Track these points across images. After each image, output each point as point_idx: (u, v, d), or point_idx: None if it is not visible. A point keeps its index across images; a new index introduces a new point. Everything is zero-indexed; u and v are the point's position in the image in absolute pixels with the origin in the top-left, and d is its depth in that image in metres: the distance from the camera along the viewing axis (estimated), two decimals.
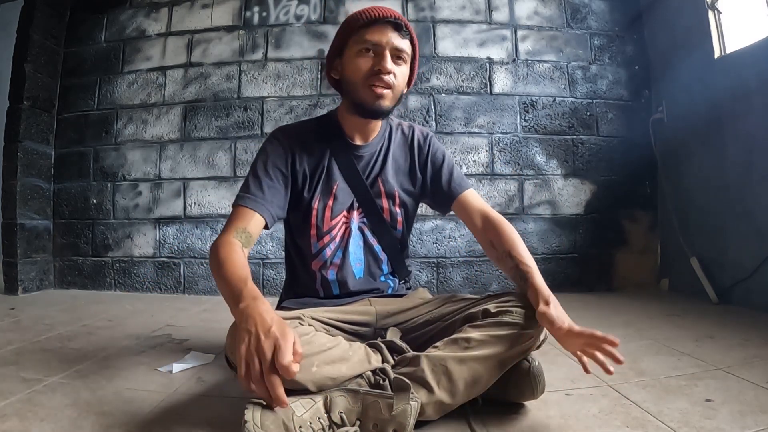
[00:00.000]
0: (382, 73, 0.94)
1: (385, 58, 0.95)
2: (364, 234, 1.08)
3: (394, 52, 0.96)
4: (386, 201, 1.08)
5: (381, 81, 0.95)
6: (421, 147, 1.12)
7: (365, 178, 1.06)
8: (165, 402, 0.95)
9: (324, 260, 1.06)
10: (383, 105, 0.97)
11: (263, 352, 0.65)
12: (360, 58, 0.96)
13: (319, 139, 1.06)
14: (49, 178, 2.50)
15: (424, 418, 0.80)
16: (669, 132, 2.34)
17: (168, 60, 2.50)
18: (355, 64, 0.97)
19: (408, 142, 1.12)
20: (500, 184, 2.39)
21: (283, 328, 0.67)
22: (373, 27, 0.96)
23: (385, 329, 0.99)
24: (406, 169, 1.11)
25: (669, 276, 2.39)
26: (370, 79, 0.95)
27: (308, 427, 0.72)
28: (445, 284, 2.34)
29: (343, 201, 1.05)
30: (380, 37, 0.95)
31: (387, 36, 0.95)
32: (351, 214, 1.07)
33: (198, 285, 2.39)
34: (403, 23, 0.96)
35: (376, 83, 0.95)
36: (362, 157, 1.07)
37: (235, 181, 2.41)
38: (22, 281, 2.28)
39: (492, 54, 2.45)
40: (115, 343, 1.41)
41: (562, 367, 1.16)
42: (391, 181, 1.08)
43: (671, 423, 0.83)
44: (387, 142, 1.10)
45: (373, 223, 1.08)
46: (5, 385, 1.02)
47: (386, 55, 0.95)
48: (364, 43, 0.95)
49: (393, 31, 0.95)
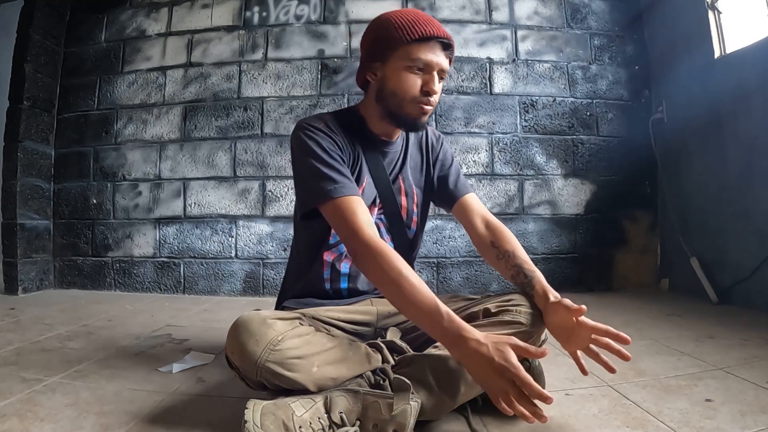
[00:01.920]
0: (430, 95, 0.95)
1: (434, 80, 0.95)
2: (380, 230, 1.07)
3: (440, 74, 0.96)
4: (405, 198, 1.09)
5: (428, 102, 0.96)
6: (434, 146, 1.15)
7: (389, 175, 1.07)
8: (165, 402, 0.95)
9: (340, 252, 1.05)
10: (425, 121, 1.00)
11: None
12: (409, 74, 0.95)
13: (349, 133, 1.04)
14: (49, 178, 2.50)
15: (424, 418, 0.80)
16: (669, 132, 2.35)
17: (168, 60, 2.50)
18: (403, 79, 0.95)
19: (421, 141, 1.15)
20: (500, 184, 2.39)
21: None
22: (426, 44, 0.94)
23: (385, 329, 0.99)
24: (420, 167, 1.13)
25: (669, 276, 2.39)
26: (419, 97, 0.95)
27: (308, 427, 0.72)
28: (445, 284, 2.34)
29: (368, 196, 1.05)
30: (432, 58, 0.93)
31: (439, 57, 0.94)
32: (372, 209, 1.06)
33: (198, 285, 2.39)
34: (452, 44, 0.96)
35: (425, 104, 0.96)
36: (388, 153, 1.08)
37: (235, 181, 2.41)
38: (22, 281, 2.28)
39: (492, 54, 2.45)
40: (115, 343, 1.41)
41: (562, 367, 1.16)
42: (410, 178, 1.10)
43: (671, 423, 0.83)
44: (405, 141, 1.12)
45: (390, 221, 1.08)
46: (5, 385, 1.02)
47: (435, 77, 0.95)
48: (416, 61, 0.93)
49: (442, 51, 0.95)
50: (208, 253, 2.40)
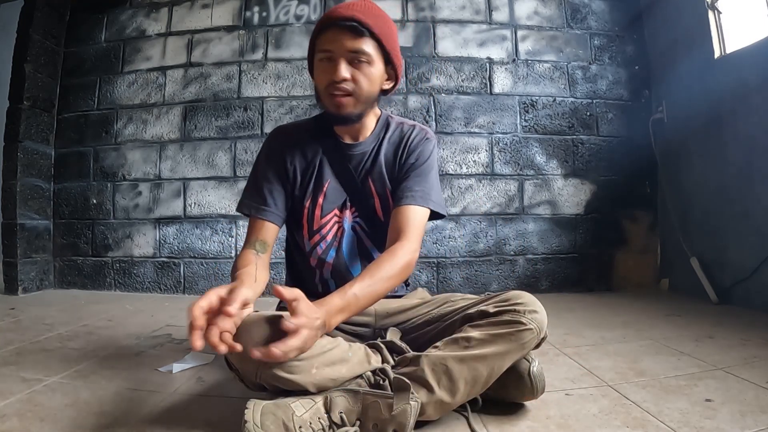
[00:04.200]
0: (336, 82, 0.92)
1: (339, 66, 0.91)
2: (358, 233, 1.07)
3: (350, 56, 0.92)
4: (378, 200, 1.06)
5: (337, 89, 0.93)
6: (410, 146, 1.06)
7: (357, 177, 1.06)
8: (165, 402, 0.95)
9: (317, 258, 1.06)
10: (345, 112, 0.96)
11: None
12: (320, 66, 0.95)
13: (313, 138, 1.07)
14: (49, 178, 2.50)
15: (424, 418, 0.80)
16: (669, 132, 2.34)
17: (168, 60, 2.50)
18: (317, 72, 0.97)
19: (401, 142, 1.07)
20: (500, 184, 2.39)
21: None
22: (326, 32, 0.93)
23: (384, 329, 0.99)
24: (393, 166, 1.06)
25: (669, 276, 2.39)
26: (328, 88, 0.94)
27: (308, 427, 0.72)
28: (445, 284, 2.34)
29: (333, 199, 1.05)
30: (331, 44, 0.92)
31: (339, 41, 0.91)
32: (344, 213, 1.06)
33: (198, 285, 2.39)
34: (357, 22, 0.90)
35: (334, 92, 0.94)
36: (354, 155, 1.06)
37: (235, 181, 2.41)
38: (22, 281, 2.28)
39: (492, 54, 2.44)
40: (115, 343, 1.41)
41: (562, 367, 1.16)
42: (380, 180, 1.06)
43: (671, 423, 0.83)
44: (380, 141, 1.07)
45: (366, 223, 1.07)
46: (5, 385, 1.02)
47: (339, 62, 0.92)
48: (321, 51, 0.94)
49: (345, 33, 0.91)
50: (208, 253, 2.40)
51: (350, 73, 0.93)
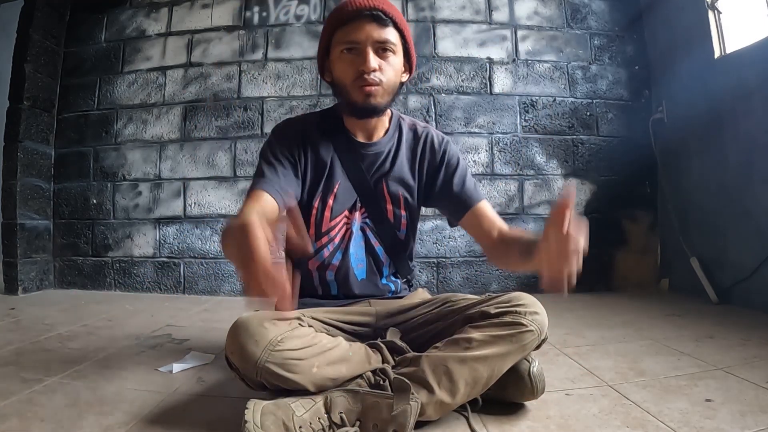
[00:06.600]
0: (366, 73, 0.91)
1: (368, 57, 0.91)
2: (366, 235, 1.06)
3: (376, 46, 0.92)
4: (390, 203, 1.05)
5: (367, 82, 0.92)
6: (435, 151, 1.07)
7: (369, 178, 1.03)
8: (165, 402, 0.95)
9: (321, 261, 1.04)
10: (374, 102, 0.94)
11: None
12: (344, 59, 0.94)
13: (323, 134, 1.03)
14: (49, 178, 2.50)
15: (425, 418, 0.80)
16: (669, 132, 2.34)
17: (168, 60, 2.50)
18: (340, 66, 0.95)
19: (417, 144, 1.07)
20: (500, 184, 2.39)
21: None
22: (350, 24, 0.92)
23: (385, 329, 0.99)
24: (413, 172, 1.06)
25: (669, 276, 2.39)
26: (357, 81, 0.93)
27: (308, 427, 0.72)
28: (445, 284, 2.34)
29: (344, 201, 1.03)
30: (358, 35, 0.91)
31: (365, 32, 0.90)
32: (353, 214, 1.04)
33: (198, 285, 2.39)
34: (381, 11, 0.90)
35: (363, 84, 0.92)
36: (367, 155, 1.04)
37: (235, 181, 2.41)
38: (22, 281, 2.28)
39: (492, 54, 2.44)
40: (115, 343, 1.41)
41: (562, 367, 1.16)
42: (396, 183, 1.04)
43: (671, 423, 0.83)
44: (396, 143, 1.06)
45: (375, 225, 1.05)
46: (5, 385, 1.02)
47: (368, 53, 0.91)
48: (345, 43, 0.93)
49: (371, 23, 0.90)
50: (208, 253, 2.40)
51: (377, 63, 0.92)
